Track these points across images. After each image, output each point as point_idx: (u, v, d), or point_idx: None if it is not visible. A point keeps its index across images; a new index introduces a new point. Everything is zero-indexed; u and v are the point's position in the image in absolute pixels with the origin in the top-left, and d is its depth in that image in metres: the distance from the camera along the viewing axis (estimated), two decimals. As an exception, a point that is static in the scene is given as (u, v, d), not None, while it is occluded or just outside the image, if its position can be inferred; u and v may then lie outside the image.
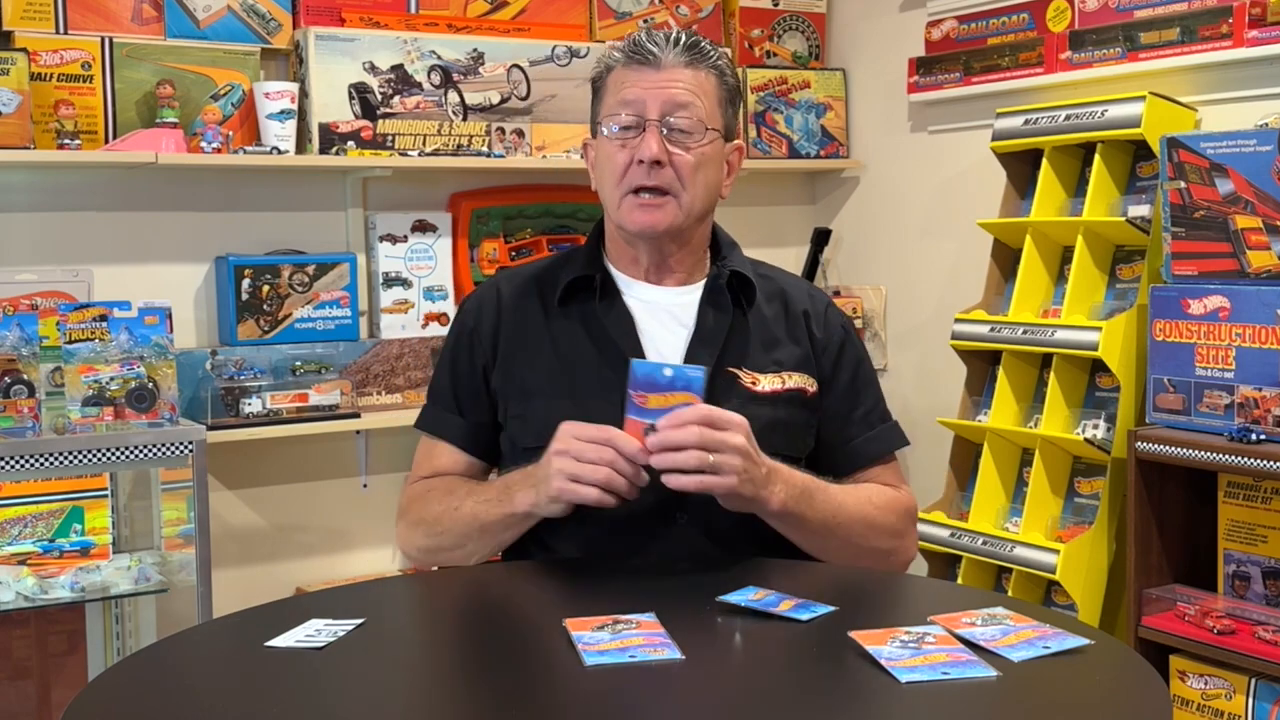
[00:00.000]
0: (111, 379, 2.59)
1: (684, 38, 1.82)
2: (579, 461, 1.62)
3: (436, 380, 1.96)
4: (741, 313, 1.87)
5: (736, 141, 1.90)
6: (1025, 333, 2.90)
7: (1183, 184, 2.60)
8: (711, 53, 1.83)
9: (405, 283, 3.19)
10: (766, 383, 1.84)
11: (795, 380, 1.85)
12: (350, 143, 3.05)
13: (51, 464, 2.50)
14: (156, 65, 2.91)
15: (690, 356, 1.81)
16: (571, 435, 1.64)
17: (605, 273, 1.88)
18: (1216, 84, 2.80)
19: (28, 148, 2.68)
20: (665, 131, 1.78)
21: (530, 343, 1.86)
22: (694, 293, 1.88)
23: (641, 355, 1.81)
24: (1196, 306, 2.57)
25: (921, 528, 3.07)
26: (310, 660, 1.36)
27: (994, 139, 3.06)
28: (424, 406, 1.97)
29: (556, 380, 1.82)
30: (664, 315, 1.86)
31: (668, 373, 1.62)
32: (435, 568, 1.92)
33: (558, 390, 1.81)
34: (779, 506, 1.69)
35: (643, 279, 1.88)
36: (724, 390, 1.80)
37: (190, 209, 3.02)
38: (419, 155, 3.12)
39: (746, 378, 1.83)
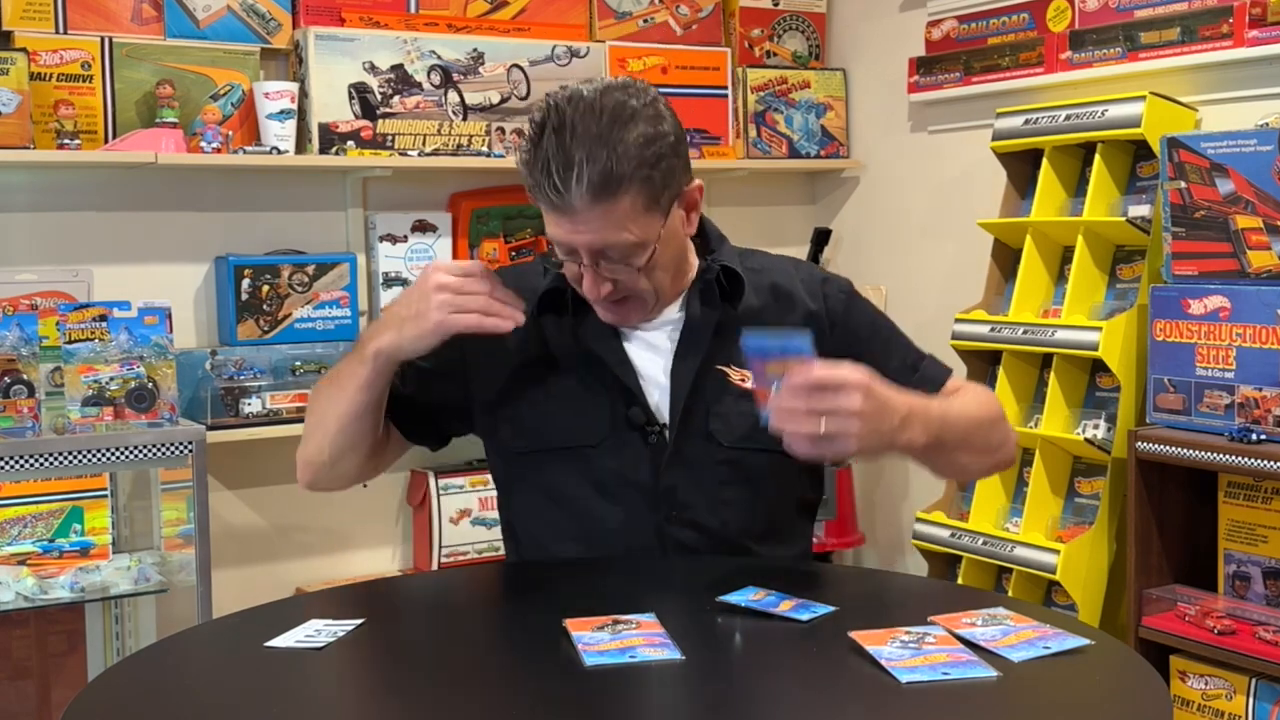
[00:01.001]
0: (111, 379, 2.59)
1: (587, 169, 1.61)
2: (459, 294, 1.68)
3: None
4: (731, 307, 1.82)
5: (690, 187, 1.75)
6: (1025, 333, 2.90)
7: (1183, 184, 2.60)
8: (621, 172, 1.62)
9: (405, 283, 3.19)
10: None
11: None
12: (350, 143, 3.05)
13: (51, 464, 2.50)
14: (156, 65, 2.91)
15: (677, 355, 1.79)
16: (448, 271, 1.70)
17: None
18: (1216, 84, 2.80)
19: (28, 148, 2.68)
20: (601, 264, 1.69)
21: (514, 346, 1.81)
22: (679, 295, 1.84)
23: (625, 356, 1.78)
24: (1197, 306, 2.57)
25: (921, 528, 3.07)
26: (310, 660, 1.36)
27: (994, 139, 3.06)
28: None
29: (544, 382, 1.80)
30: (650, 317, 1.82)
31: (771, 342, 1.55)
32: (327, 489, 1.93)
33: (548, 395, 1.80)
34: (922, 446, 1.65)
35: None
36: (713, 389, 1.78)
37: (190, 209, 3.02)
38: (419, 155, 3.12)
39: (735, 375, 1.79)
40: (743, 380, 1.78)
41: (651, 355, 1.81)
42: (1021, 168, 3.10)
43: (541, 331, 1.82)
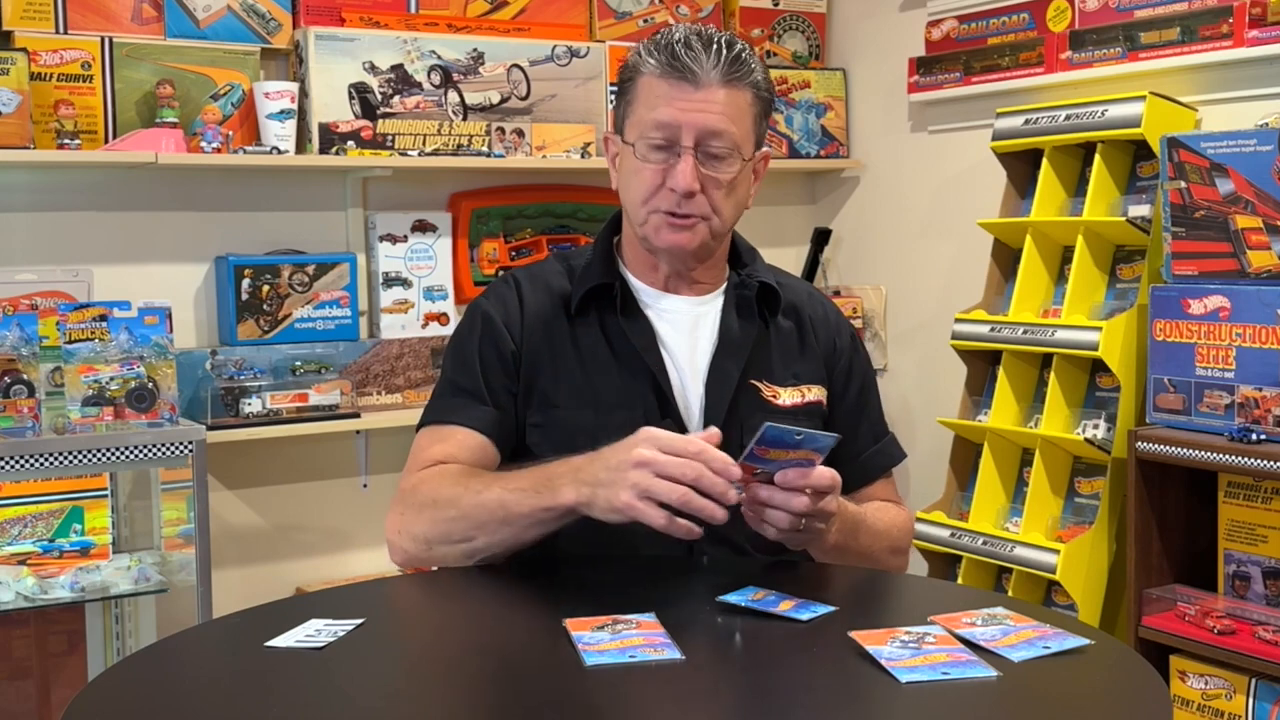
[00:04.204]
0: (111, 379, 2.59)
1: (725, 51, 1.71)
2: (660, 478, 1.48)
3: (457, 372, 1.83)
4: (765, 325, 1.84)
5: (764, 150, 1.83)
6: (1025, 333, 2.90)
7: (1183, 184, 2.60)
8: (751, 67, 1.74)
9: (405, 282, 3.19)
10: (787, 396, 1.82)
11: (814, 393, 1.85)
12: (350, 142, 3.05)
13: (51, 464, 2.50)
14: (156, 65, 2.91)
15: (715, 368, 1.79)
16: (656, 446, 1.50)
17: (623, 280, 1.83)
18: (1216, 84, 2.80)
19: (28, 148, 2.68)
20: (699, 156, 1.71)
21: (553, 349, 1.80)
22: (714, 302, 1.85)
23: (663, 368, 1.78)
24: (1197, 306, 2.57)
25: (921, 528, 3.07)
26: (310, 660, 1.36)
27: (994, 139, 3.06)
28: (440, 399, 1.84)
29: (579, 390, 1.78)
30: (684, 326, 1.82)
31: (798, 437, 1.49)
32: (428, 568, 1.78)
33: (580, 400, 1.77)
34: (831, 545, 1.66)
35: (661, 287, 1.84)
36: (746, 403, 1.78)
37: (190, 209, 3.02)
38: (419, 155, 3.12)
39: (768, 391, 1.81)
40: (774, 397, 1.81)
41: (687, 366, 1.80)
42: (1021, 168, 3.10)
43: (573, 333, 1.81)
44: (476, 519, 1.65)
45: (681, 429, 1.75)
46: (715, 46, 1.71)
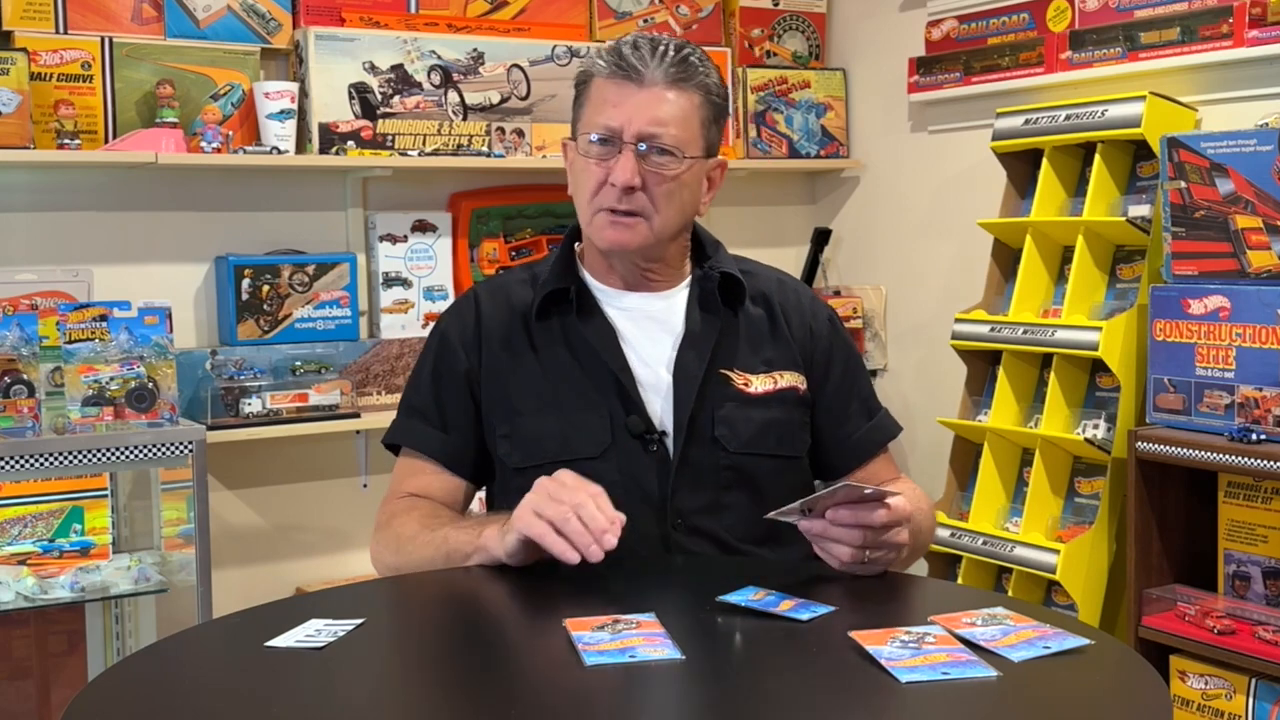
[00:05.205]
0: (111, 379, 2.59)
1: (672, 52, 1.74)
2: (552, 500, 1.55)
3: (415, 393, 1.88)
4: (732, 314, 1.84)
5: (719, 158, 1.84)
6: (1025, 333, 2.90)
7: (1183, 184, 2.60)
8: (700, 69, 1.75)
9: (405, 282, 3.19)
10: (759, 384, 1.82)
11: (787, 379, 1.83)
12: (350, 142, 3.05)
13: (51, 464, 2.50)
14: (156, 65, 2.91)
15: (679, 361, 1.79)
16: (555, 478, 1.59)
17: (581, 283, 1.84)
18: (1216, 84, 2.80)
19: (28, 148, 2.68)
20: (642, 150, 1.72)
21: (513, 359, 1.81)
22: (677, 296, 1.85)
23: (625, 365, 1.78)
24: (1197, 306, 2.57)
25: (921, 528, 3.07)
26: (310, 660, 1.36)
27: (994, 139, 3.06)
28: (396, 420, 1.89)
29: (542, 396, 1.79)
30: (647, 322, 1.83)
31: (867, 491, 1.58)
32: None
33: (544, 406, 1.78)
34: (906, 557, 1.69)
35: (620, 287, 1.84)
36: (716, 393, 1.78)
37: (190, 209, 3.02)
38: (419, 155, 3.13)
39: (738, 379, 1.80)
40: (745, 385, 1.80)
41: (652, 361, 1.80)
42: (1021, 168, 3.10)
43: (532, 341, 1.82)
44: (424, 556, 1.72)
45: (649, 424, 1.76)
46: (663, 49, 1.74)
